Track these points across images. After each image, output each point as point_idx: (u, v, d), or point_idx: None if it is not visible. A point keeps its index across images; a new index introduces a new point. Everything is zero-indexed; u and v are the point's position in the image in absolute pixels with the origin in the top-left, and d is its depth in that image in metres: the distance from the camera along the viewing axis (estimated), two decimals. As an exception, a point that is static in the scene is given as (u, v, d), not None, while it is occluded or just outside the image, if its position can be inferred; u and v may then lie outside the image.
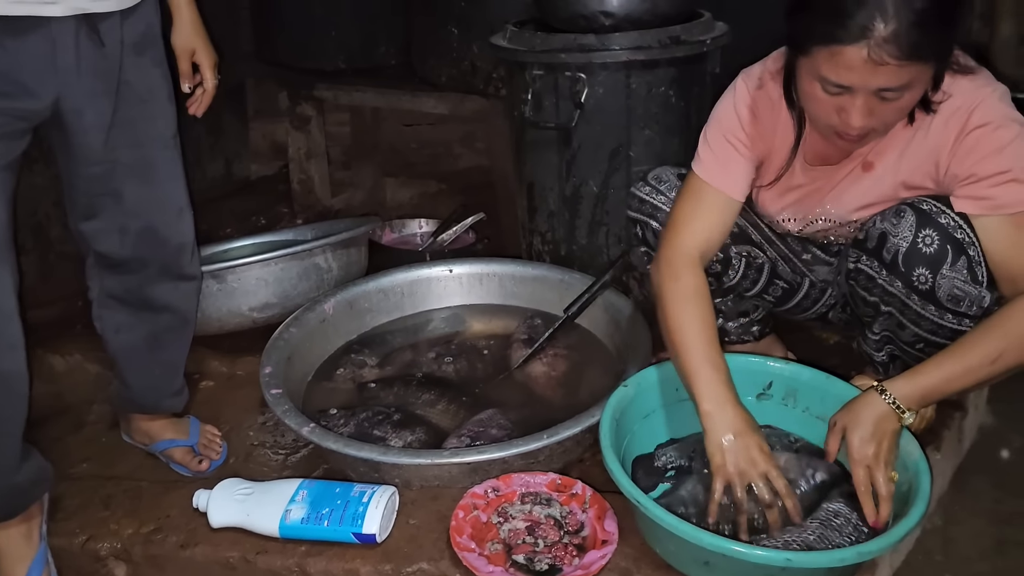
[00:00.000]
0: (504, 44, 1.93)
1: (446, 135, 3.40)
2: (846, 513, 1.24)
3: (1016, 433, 1.79)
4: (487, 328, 1.99)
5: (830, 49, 1.09)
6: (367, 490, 1.37)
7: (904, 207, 1.29)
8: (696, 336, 1.30)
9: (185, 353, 1.60)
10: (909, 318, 1.34)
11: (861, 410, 1.22)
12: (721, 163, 1.38)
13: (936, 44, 1.09)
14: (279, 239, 2.40)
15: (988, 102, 1.18)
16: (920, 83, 1.13)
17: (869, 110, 1.14)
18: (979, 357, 1.17)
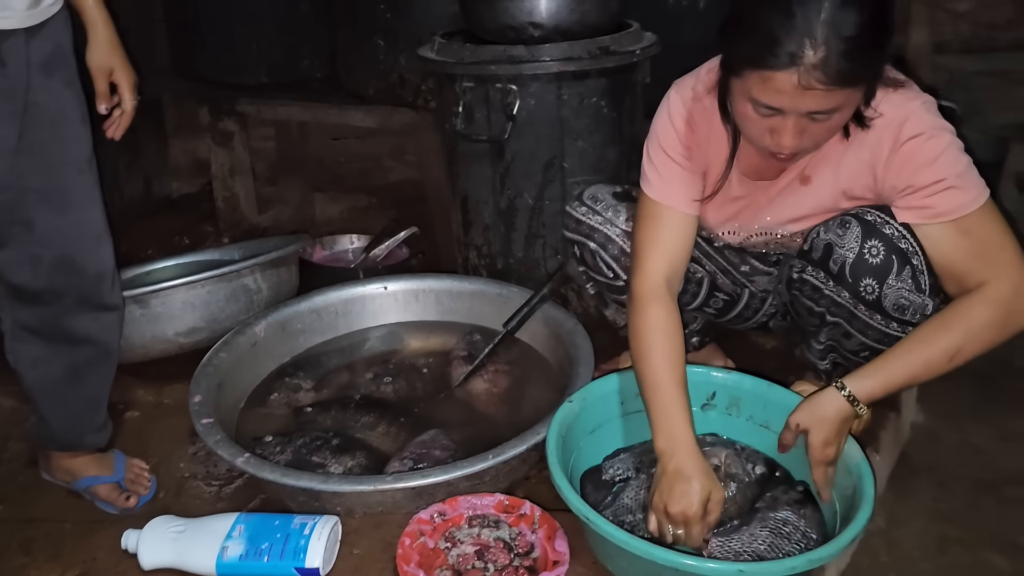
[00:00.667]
0: (433, 56, 1.90)
1: (375, 148, 3.35)
2: (794, 521, 1.25)
3: (947, 430, 1.84)
4: (425, 345, 1.96)
5: (761, 74, 1.10)
6: (308, 521, 1.31)
7: (849, 218, 1.31)
8: (659, 371, 1.29)
9: (108, 386, 1.51)
10: (856, 328, 1.36)
11: (823, 409, 1.23)
12: (667, 180, 1.38)
13: (865, 69, 1.11)
14: (204, 259, 2.32)
15: (918, 113, 1.21)
16: (851, 104, 1.15)
17: (800, 131, 1.15)
18: (938, 353, 1.20)
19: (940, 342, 1.20)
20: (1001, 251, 1.20)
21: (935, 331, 1.21)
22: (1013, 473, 1.70)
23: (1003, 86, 3.06)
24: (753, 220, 1.44)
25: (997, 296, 1.18)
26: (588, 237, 1.56)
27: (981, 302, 1.19)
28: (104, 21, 1.34)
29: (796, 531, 1.24)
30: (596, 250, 1.55)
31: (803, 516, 1.26)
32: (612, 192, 1.56)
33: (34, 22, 1.22)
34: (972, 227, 1.21)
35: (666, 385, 1.28)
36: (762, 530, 1.24)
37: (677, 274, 1.39)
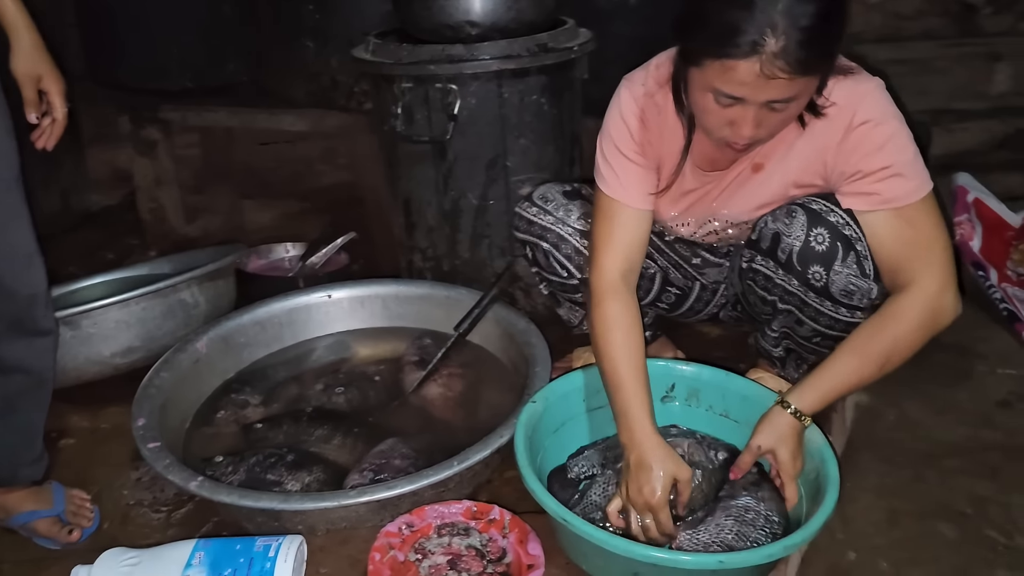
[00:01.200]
0: (368, 57, 1.86)
1: (306, 152, 3.26)
2: (755, 506, 1.27)
3: (888, 407, 1.90)
4: (375, 353, 1.92)
5: (722, 63, 1.10)
6: (271, 543, 1.27)
7: (795, 207, 1.33)
8: (620, 365, 1.31)
9: (43, 415, 1.43)
10: (808, 315, 1.39)
11: (781, 429, 1.26)
12: (622, 178, 1.38)
13: (823, 56, 1.13)
14: (134, 275, 2.22)
15: (868, 99, 1.23)
16: (807, 92, 1.17)
17: (759, 121, 1.17)
18: (870, 363, 1.24)
19: (871, 352, 1.23)
20: (934, 247, 1.24)
21: (866, 341, 1.24)
22: (950, 444, 1.76)
23: (914, 74, 3.19)
24: (706, 211, 1.46)
25: (926, 299, 1.22)
26: (540, 238, 1.55)
27: (909, 306, 1.23)
28: (27, 25, 1.28)
29: (759, 516, 1.26)
30: (549, 250, 1.55)
31: (761, 500, 1.28)
32: (562, 191, 1.56)
33: None
34: (913, 217, 1.24)
35: (627, 379, 1.30)
36: (727, 519, 1.26)
37: (634, 269, 1.40)
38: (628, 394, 1.29)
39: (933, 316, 1.23)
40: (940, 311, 1.23)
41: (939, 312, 1.23)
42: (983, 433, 1.79)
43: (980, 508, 1.57)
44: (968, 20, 3.30)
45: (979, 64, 3.12)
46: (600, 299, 1.35)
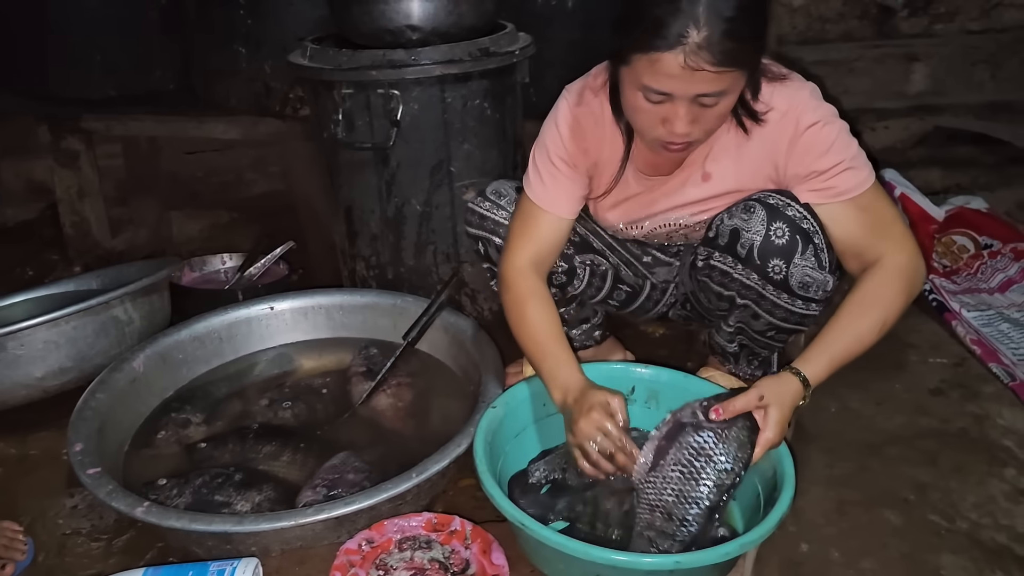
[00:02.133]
0: (305, 62, 1.82)
1: (235, 161, 3.17)
2: (710, 448, 1.22)
3: (829, 399, 1.94)
4: (320, 364, 1.87)
5: (649, 57, 1.13)
6: (225, 567, 1.23)
7: (753, 203, 1.35)
8: (539, 330, 1.37)
9: None
10: (764, 308, 1.41)
11: (787, 388, 1.26)
12: (546, 184, 1.42)
13: (746, 51, 1.15)
14: (58, 292, 2.12)
15: (809, 103, 1.27)
16: (735, 89, 1.19)
17: (691, 118, 1.19)
18: (868, 327, 1.27)
19: (868, 318, 1.27)
20: (893, 224, 1.31)
21: (860, 309, 1.28)
22: (891, 433, 1.82)
23: (837, 75, 3.29)
24: (655, 213, 1.47)
25: (898, 266, 1.28)
26: (493, 232, 1.54)
27: (889, 275, 1.28)
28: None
29: (708, 464, 1.21)
30: (502, 245, 1.54)
31: (724, 439, 1.22)
32: (515, 187, 1.56)
33: None
34: (868, 203, 1.30)
35: (549, 343, 1.36)
36: (674, 470, 1.22)
37: (542, 265, 1.45)
38: (555, 359, 1.34)
39: (910, 282, 1.28)
40: (916, 273, 1.29)
41: (915, 274, 1.29)
42: (920, 421, 1.85)
43: (922, 494, 1.63)
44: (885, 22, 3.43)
45: (897, 64, 3.24)
46: (511, 282, 1.42)
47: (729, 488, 1.20)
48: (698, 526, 1.19)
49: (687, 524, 1.19)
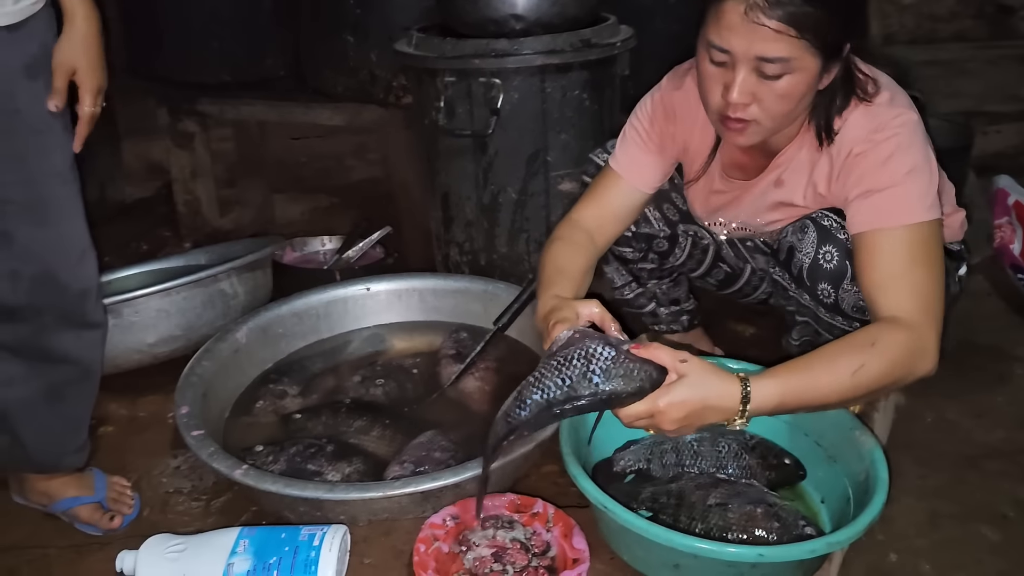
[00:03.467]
0: (411, 51, 1.86)
1: (337, 147, 3.28)
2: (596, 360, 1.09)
3: (926, 409, 1.88)
4: (411, 346, 1.92)
5: (715, 8, 1.13)
6: (316, 532, 1.27)
7: (808, 222, 1.33)
8: (549, 263, 1.36)
9: (90, 406, 1.44)
10: (823, 327, 1.39)
11: (712, 388, 1.10)
12: (628, 152, 1.44)
13: (817, 20, 1.10)
14: (170, 266, 2.24)
15: (884, 128, 1.20)
16: (802, 66, 1.14)
17: (751, 88, 1.16)
18: (837, 388, 1.12)
19: (843, 356, 1.13)
20: (929, 283, 1.17)
21: (839, 346, 1.15)
22: (990, 447, 1.75)
23: (947, 76, 3.17)
24: (734, 215, 1.46)
25: (899, 344, 1.13)
26: None
27: (889, 326, 1.15)
28: (85, 15, 1.22)
29: (583, 368, 1.08)
30: None
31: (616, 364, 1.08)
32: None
33: (15, 20, 1.14)
34: (911, 243, 1.17)
35: (554, 276, 1.32)
36: (556, 357, 1.10)
37: (604, 231, 1.44)
38: (543, 286, 1.30)
39: (912, 357, 1.14)
40: (915, 366, 1.15)
41: (914, 366, 1.15)
42: (1022, 436, 1.77)
43: (1022, 511, 1.56)
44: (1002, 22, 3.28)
45: (1013, 66, 3.10)
46: (556, 229, 1.43)
47: (575, 400, 1.07)
48: (528, 412, 1.08)
49: (521, 407, 1.09)
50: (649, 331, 1.81)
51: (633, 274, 1.66)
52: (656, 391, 1.07)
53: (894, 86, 1.27)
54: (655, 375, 1.07)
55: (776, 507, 1.25)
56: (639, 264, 1.63)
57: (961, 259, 1.51)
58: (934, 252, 1.19)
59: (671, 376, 1.08)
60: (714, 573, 1.15)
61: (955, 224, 1.50)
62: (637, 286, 1.69)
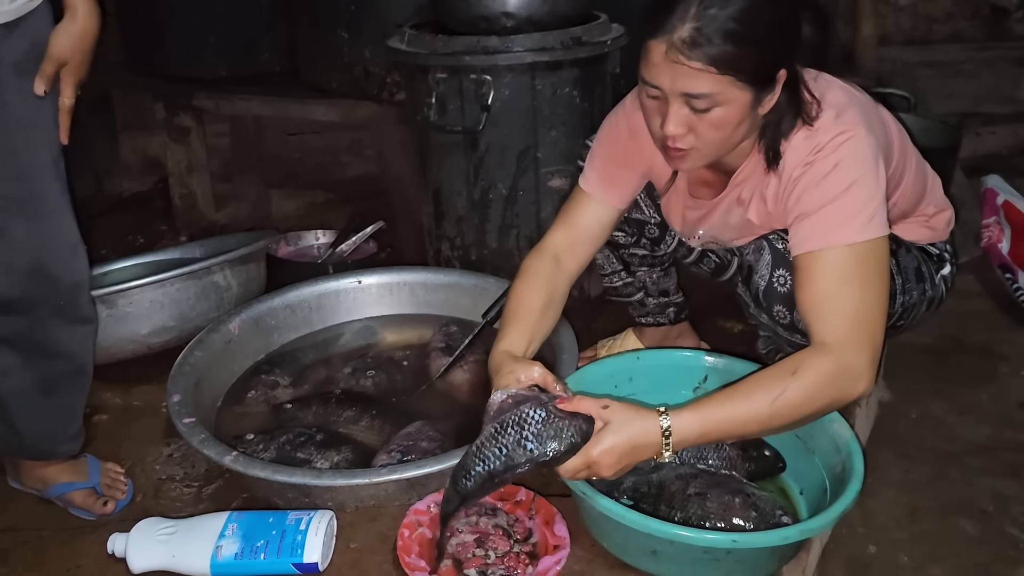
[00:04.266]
0: (404, 47, 1.89)
1: (332, 143, 3.31)
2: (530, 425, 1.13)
3: (911, 405, 1.91)
4: (401, 338, 1.95)
5: (645, 46, 1.15)
6: (303, 517, 1.30)
7: (764, 243, 1.35)
8: (512, 302, 1.39)
9: (84, 397, 1.46)
10: (783, 342, 1.42)
11: (635, 428, 1.12)
12: (596, 171, 1.45)
13: (739, 58, 1.11)
14: (165, 259, 2.26)
15: (827, 146, 1.20)
16: (732, 101, 1.15)
17: (684, 120, 1.17)
18: (756, 417, 1.13)
19: (763, 386, 1.14)
20: (868, 306, 1.16)
21: (760, 393, 1.14)
22: (973, 444, 1.77)
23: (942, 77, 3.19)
24: (708, 230, 1.49)
25: (825, 372, 1.13)
26: None
27: (814, 353, 1.15)
28: (87, 11, 1.21)
29: (517, 435, 1.13)
30: None
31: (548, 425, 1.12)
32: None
33: (9, 18, 1.15)
34: (846, 263, 1.17)
35: (513, 317, 1.37)
36: (492, 425, 1.15)
37: (573, 250, 1.45)
38: (508, 331, 1.35)
39: (837, 383, 1.13)
40: (845, 389, 1.14)
41: (843, 390, 1.14)
42: (1006, 433, 1.79)
43: (1002, 506, 1.58)
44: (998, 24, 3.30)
45: (1008, 68, 3.12)
46: (526, 259, 1.45)
47: (515, 468, 1.11)
48: (473, 484, 1.13)
49: (467, 478, 1.14)
50: (635, 323, 1.83)
51: (623, 261, 1.68)
52: (587, 444, 1.11)
53: (848, 101, 1.25)
54: (584, 427, 1.12)
55: (754, 497, 1.28)
56: (631, 249, 1.65)
57: (944, 261, 1.53)
58: (871, 271, 1.18)
59: (597, 424, 1.12)
60: (690, 559, 1.18)
61: (940, 224, 1.52)
62: (626, 274, 1.71)
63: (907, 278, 1.45)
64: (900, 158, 1.38)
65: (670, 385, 1.49)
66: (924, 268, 1.48)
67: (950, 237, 1.56)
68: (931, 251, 1.52)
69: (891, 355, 1.91)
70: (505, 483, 1.17)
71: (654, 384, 1.49)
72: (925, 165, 1.49)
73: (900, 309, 1.46)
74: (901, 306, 1.45)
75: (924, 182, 1.47)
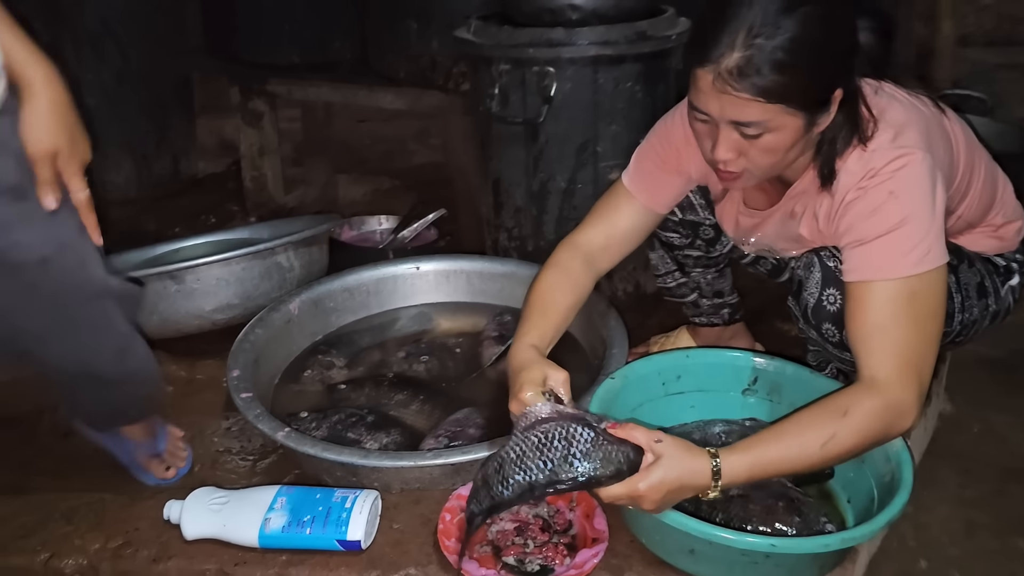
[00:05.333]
0: (470, 38, 1.90)
1: (400, 131, 3.36)
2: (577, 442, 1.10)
3: (973, 419, 1.85)
4: (456, 326, 1.97)
5: (693, 73, 1.13)
6: (349, 495, 1.33)
7: (815, 259, 1.32)
8: (535, 293, 1.37)
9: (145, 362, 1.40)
10: (833, 358, 1.39)
11: (686, 468, 1.09)
12: (642, 170, 1.43)
13: (788, 88, 1.09)
14: (233, 238, 2.33)
15: (882, 170, 1.17)
16: (783, 127, 1.13)
17: (734, 146, 1.16)
18: (808, 453, 1.12)
19: (813, 428, 1.12)
20: (916, 339, 1.14)
21: (812, 415, 1.14)
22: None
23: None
24: (760, 239, 1.47)
25: (874, 410, 1.12)
26: None
27: (864, 391, 1.13)
28: (44, 78, 0.97)
29: (563, 450, 1.09)
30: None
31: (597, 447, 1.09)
32: None
33: None
34: (895, 297, 1.14)
35: (536, 309, 1.34)
36: (536, 435, 1.11)
37: (606, 251, 1.43)
38: (530, 325, 1.31)
39: (885, 422, 1.12)
40: (890, 426, 1.13)
41: (889, 427, 1.13)
42: (1073, 452, 1.73)
43: (1063, 528, 1.53)
44: (1087, 26, 3.15)
45: (1098, 71, 2.98)
46: (554, 251, 1.42)
47: (557, 484, 1.08)
48: (511, 493, 1.09)
49: (504, 486, 1.10)
50: (689, 322, 1.82)
51: (678, 262, 1.67)
52: (636, 475, 1.08)
53: (907, 119, 1.21)
54: (632, 456, 1.10)
55: (798, 502, 1.26)
56: (685, 251, 1.64)
57: (1012, 272, 1.48)
58: (924, 306, 1.15)
59: (647, 457, 1.10)
60: (728, 561, 1.17)
61: (1009, 234, 1.47)
62: (681, 275, 1.70)
63: (967, 295, 1.41)
64: (966, 171, 1.34)
65: (719, 385, 1.48)
66: (988, 282, 1.43)
67: (1021, 247, 1.50)
68: (998, 262, 1.46)
69: (955, 367, 1.86)
70: (542, 498, 1.17)
71: (702, 383, 1.48)
72: (996, 172, 1.44)
73: (959, 327, 1.42)
74: (959, 324, 1.41)
75: (993, 192, 1.42)
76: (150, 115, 2.85)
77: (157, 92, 2.83)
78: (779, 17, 1.07)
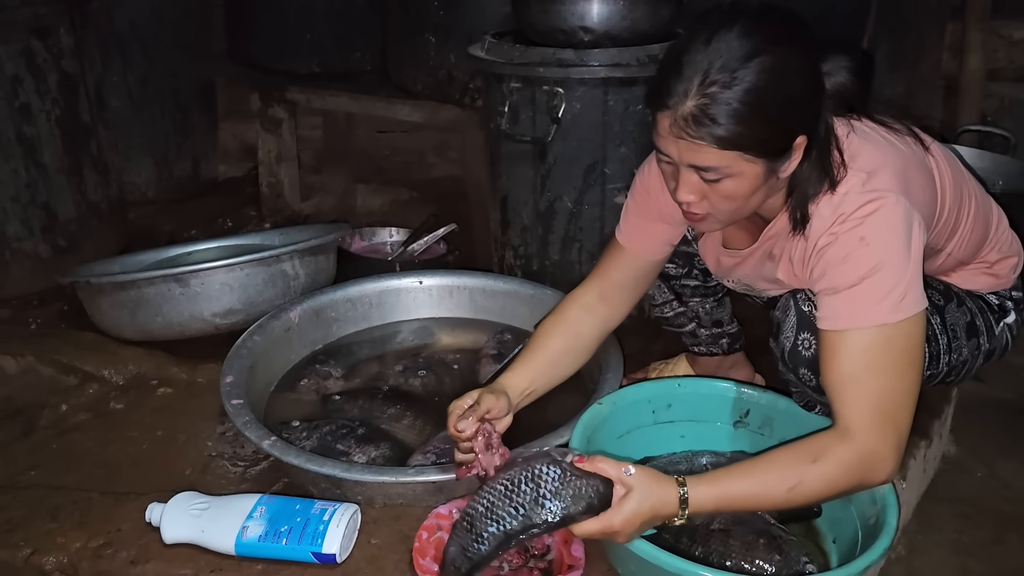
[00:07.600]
0: (482, 55, 1.91)
1: (419, 143, 3.37)
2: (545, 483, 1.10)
3: (977, 463, 1.81)
4: (456, 342, 1.97)
5: (653, 116, 1.13)
6: (328, 507, 1.33)
7: (791, 303, 1.30)
8: (532, 341, 1.44)
9: None
10: (814, 400, 1.37)
11: (656, 496, 1.09)
12: (629, 222, 1.44)
13: (742, 139, 1.07)
14: (245, 243, 2.35)
15: (851, 216, 1.14)
16: (741, 174, 1.11)
17: (695, 188, 1.15)
18: (778, 480, 1.10)
19: (782, 469, 1.11)
20: (890, 391, 1.11)
21: (783, 456, 1.13)
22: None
23: (1057, 117, 2.99)
24: (739, 278, 1.45)
25: (846, 461, 1.10)
26: None
27: (837, 439, 1.11)
28: None
29: (532, 493, 1.09)
30: None
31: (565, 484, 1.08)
32: None
33: None
34: (871, 346, 1.11)
35: (527, 350, 1.42)
36: (502, 482, 1.11)
37: (608, 301, 1.45)
38: (512, 365, 1.40)
39: (854, 481, 1.11)
40: (863, 477, 1.11)
41: (862, 478, 1.11)
42: (1078, 503, 1.68)
43: (1062, 582, 1.49)
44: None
45: None
46: (564, 301, 1.48)
47: (531, 528, 1.08)
48: (488, 547, 1.09)
49: (481, 541, 1.09)
50: (688, 352, 1.80)
51: (675, 291, 1.65)
52: (610, 510, 1.08)
53: (882, 161, 1.17)
54: (603, 490, 1.08)
55: (780, 540, 1.24)
56: (682, 280, 1.63)
57: (1007, 311, 1.44)
58: (901, 354, 1.12)
59: (618, 489, 1.08)
60: (703, 597, 1.15)
61: (1003, 271, 1.44)
62: (678, 304, 1.68)
63: (955, 336, 1.38)
64: (953, 207, 1.31)
65: (710, 416, 1.46)
66: (980, 320, 1.40)
67: (1017, 283, 1.46)
68: (991, 300, 1.43)
69: (962, 408, 1.82)
70: (518, 545, 1.15)
71: (694, 413, 1.47)
72: (990, 206, 1.41)
73: (946, 368, 1.39)
74: (947, 365, 1.38)
75: (986, 227, 1.39)
76: (172, 118, 2.88)
77: (180, 96, 2.88)
78: (737, 66, 1.05)
